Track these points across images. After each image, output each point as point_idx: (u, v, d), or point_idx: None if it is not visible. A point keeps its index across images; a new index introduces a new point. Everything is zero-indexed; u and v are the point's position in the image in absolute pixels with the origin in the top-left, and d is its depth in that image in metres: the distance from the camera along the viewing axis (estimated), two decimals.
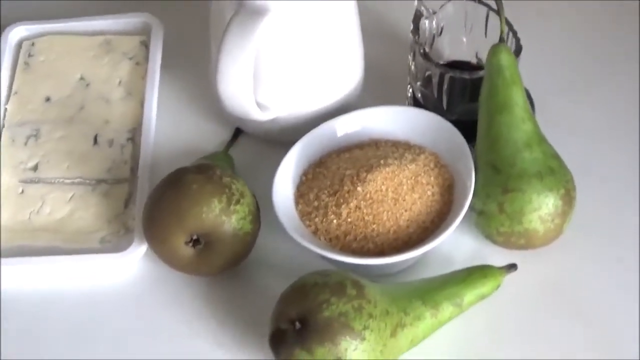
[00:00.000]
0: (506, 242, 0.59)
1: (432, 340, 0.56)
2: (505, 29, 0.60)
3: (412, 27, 0.64)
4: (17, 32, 0.72)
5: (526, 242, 0.58)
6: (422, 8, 0.64)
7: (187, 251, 0.57)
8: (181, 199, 0.57)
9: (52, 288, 0.61)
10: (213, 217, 0.56)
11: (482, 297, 0.57)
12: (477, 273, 0.57)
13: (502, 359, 0.56)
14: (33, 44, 0.71)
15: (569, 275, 0.59)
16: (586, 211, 0.60)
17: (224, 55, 0.57)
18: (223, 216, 0.57)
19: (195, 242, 0.57)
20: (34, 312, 0.60)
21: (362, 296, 0.52)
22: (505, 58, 0.59)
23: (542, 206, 0.57)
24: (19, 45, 0.72)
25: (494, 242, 0.60)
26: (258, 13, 0.57)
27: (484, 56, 0.66)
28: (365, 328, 0.51)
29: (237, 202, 0.57)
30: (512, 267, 0.58)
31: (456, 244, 0.60)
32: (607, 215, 0.61)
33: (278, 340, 0.52)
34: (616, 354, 0.56)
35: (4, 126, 0.68)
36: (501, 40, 0.60)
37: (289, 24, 0.59)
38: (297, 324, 0.51)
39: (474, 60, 0.67)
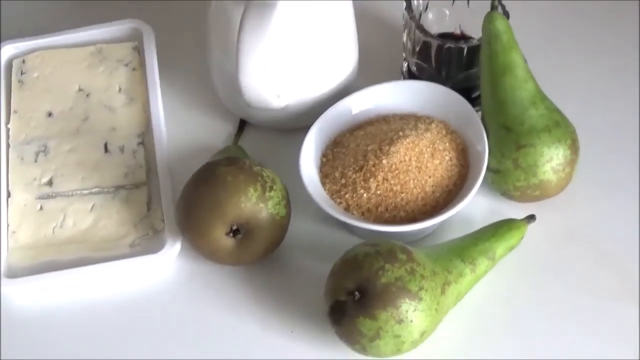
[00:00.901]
0: (522, 195, 0.63)
1: (472, 295, 0.59)
2: None
3: (405, 5, 0.67)
4: (6, 51, 0.72)
5: (541, 192, 0.63)
6: None
7: (229, 242, 0.59)
8: (218, 192, 0.58)
9: (93, 298, 0.62)
10: (251, 205, 0.58)
11: (511, 248, 0.61)
12: (503, 227, 0.61)
13: (536, 305, 0.60)
14: (24, 61, 0.71)
15: (583, 218, 0.64)
16: (587, 158, 0.64)
17: (243, 50, 0.59)
18: (260, 203, 0.59)
19: (235, 232, 0.59)
20: (77, 323, 0.61)
21: (412, 260, 0.55)
22: (500, 24, 0.63)
23: (554, 157, 0.61)
24: (9, 64, 0.72)
25: (511, 197, 0.64)
26: (268, 5, 0.59)
27: (467, 27, 0.70)
28: (420, 289, 0.54)
29: (271, 188, 0.59)
30: (532, 217, 0.62)
31: (473, 204, 0.63)
32: (607, 160, 0.66)
33: (338, 312, 0.55)
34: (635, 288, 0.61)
35: (9, 146, 0.68)
36: (494, 7, 0.64)
37: (294, 14, 0.61)
38: (357, 294, 0.54)
39: (457, 32, 0.71)
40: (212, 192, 0.58)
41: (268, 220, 0.59)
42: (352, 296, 0.54)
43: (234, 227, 0.59)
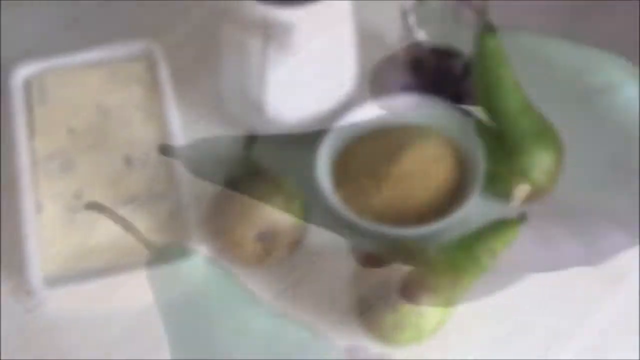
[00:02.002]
0: (514, 197, 0.70)
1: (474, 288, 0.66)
2: (487, 16, 0.70)
3: (402, 24, 0.73)
4: (23, 72, 0.75)
5: (532, 194, 0.69)
6: (407, 6, 0.73)
7: (257, 247, 0.65)
8: (246, 201, 0.64)
9: (126, 304, 0.67)
10: (276, 212, 0.64)
11: (508, 244, 0.67)
12: (501, 225, 0.67)
13: (534, 294, 0.67)
14: (42, 81, 0.75)
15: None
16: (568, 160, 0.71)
17: (268, 75, 0.64)
18: (283, 210, 0.64)
19: (262, 237, 0.64)
20: (112, 328, 0.66)
21: (427, 257, 0.61)
22: (492, 40, 0.69)
23: (544, 160, 0.68)
24: (26, 84, 0.75)
25: (503, 198, 0.70)
26: (288, 28, 0.64)
27: (451, 42, 0.77)
28: (436, 283, 0.61)
29: (292, 196, 0.65)
30: (524, 216, 0.69)
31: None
32: (584, 160, 0.73)
33: (364, 307, 0.61)
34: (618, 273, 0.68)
35: (34, 162, 0.72)
36: (486, 26, 0.70)
37: (308, 40, 0.67)
38: (380, 289, 0.60)
39: (446, 47, 0.77)
40: (241, 202, 0.64)
41: (291, 225, 0.65)
42: (376, 291, 0.60)
43: (261, 233, 0.64)
